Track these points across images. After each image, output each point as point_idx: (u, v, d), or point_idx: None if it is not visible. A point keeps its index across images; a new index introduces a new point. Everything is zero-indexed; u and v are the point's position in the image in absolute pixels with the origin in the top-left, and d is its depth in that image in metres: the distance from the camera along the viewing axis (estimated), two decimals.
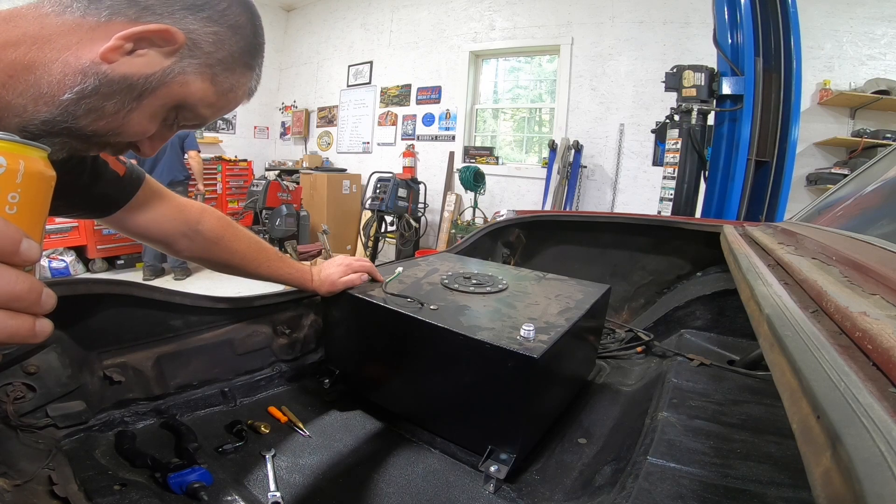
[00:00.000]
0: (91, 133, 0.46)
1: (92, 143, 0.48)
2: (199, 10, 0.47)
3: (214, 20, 0.49)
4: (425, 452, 0.83)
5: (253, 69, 0.55)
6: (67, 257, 3.92)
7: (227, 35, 0.50)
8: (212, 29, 0.48)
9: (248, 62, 0.54)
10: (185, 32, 0.46)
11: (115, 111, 0.46)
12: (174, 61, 0.47)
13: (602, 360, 1.23)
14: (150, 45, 0.45)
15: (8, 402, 0.66)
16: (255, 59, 0.55)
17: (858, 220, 0.95)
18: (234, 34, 0.51)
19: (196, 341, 0.91)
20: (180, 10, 0.46)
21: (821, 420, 0.25)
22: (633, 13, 3.91)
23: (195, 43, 0.48)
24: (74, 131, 0.45)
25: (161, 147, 0.55)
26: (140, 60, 0.45)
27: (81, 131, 0.46)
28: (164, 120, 0.51)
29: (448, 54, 4.95)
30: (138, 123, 0.48)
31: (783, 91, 2.33)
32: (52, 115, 0.43)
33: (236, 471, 0.74)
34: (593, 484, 0.73)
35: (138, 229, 0.75)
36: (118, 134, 0.48)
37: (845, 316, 0.38)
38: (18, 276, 0.27)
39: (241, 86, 0.54)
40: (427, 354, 0.83)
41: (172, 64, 0.47)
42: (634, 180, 4.03)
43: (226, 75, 0.51)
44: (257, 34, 0.54)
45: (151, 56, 0.46)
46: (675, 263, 1.52)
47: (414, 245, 4.42)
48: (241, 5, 0.52)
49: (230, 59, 0.51)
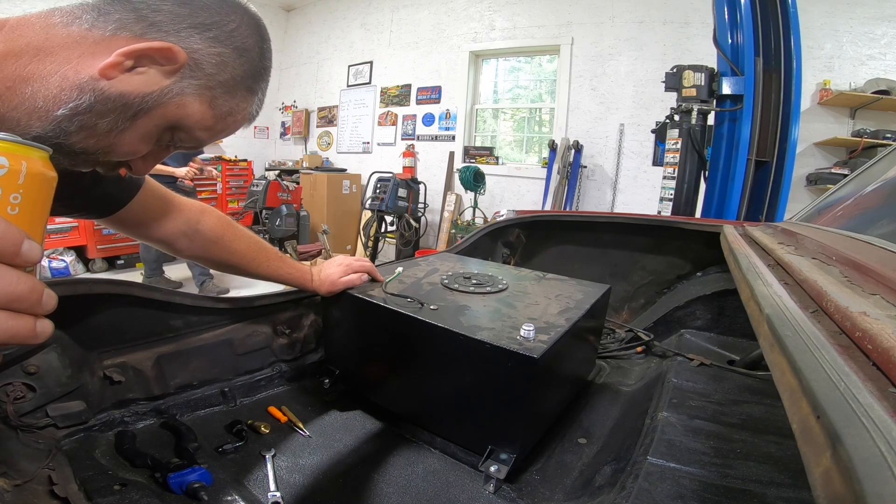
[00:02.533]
0: (80, 150, 0.45)
1: (80, 161, 0.47)
2: (206, 29, 0.46)
3: (221, 41, 0.47)
4: (425, 452, 0.83)
5: (255, 94, 0.53)
6: (67, 257, 3.92)
7: (231, 57, 0.48)
8: (216, 50, 0.47)
9: (251, 86, 0.52)
10: (187, 51, 0.45)
11: (107, 129, 0.44)
12: (174, 81, 0.45)
13: (602, 360, 1.23)
14: (151, 62, 0.44)
15: (8, 402, 0.66)
16: (258, 84, 0.53)
17: (858, 220, 0.95)
18: (240, 57, 0.49)
19: (196, 341, 0.91)
20: (187, 28, 0.45)
21: (821, 420, 0.25)
22: (633, 13, 3.90)
23: (197, 63, 0.46)
24: (64, 147, 0.44)
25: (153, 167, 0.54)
26: (139, 78, 0.44)
27: (71, 148, 0.44)
28: (159, 140, 0.50)
29: (448, 54, 4.95)
30: (130, 143, 0.47)
31: (783, 91, 2.33)
32: (44, 130, 0.42)
33: (236, 471, 0.74)
34: (593, 484, 0.73)
35: (138, 229, 0.75)
36: (108, 153, 0.47)
37: (845, 316, 0.38)
38: (19, 277, 0.27)
39: (241, 110, 0.53)
40: (427, 354, 0.83)
41: (172, 83, 0.45)
42: (634, 180, 4.03)
43: (225, 98, 0.50)
44: (264, 57, 0.52)
45: (151, 74, 0.44)
46: (675, 263, 1.52)
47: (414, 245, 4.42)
48: (250, 27, 0.50)
49: (232, 83, 0.49)
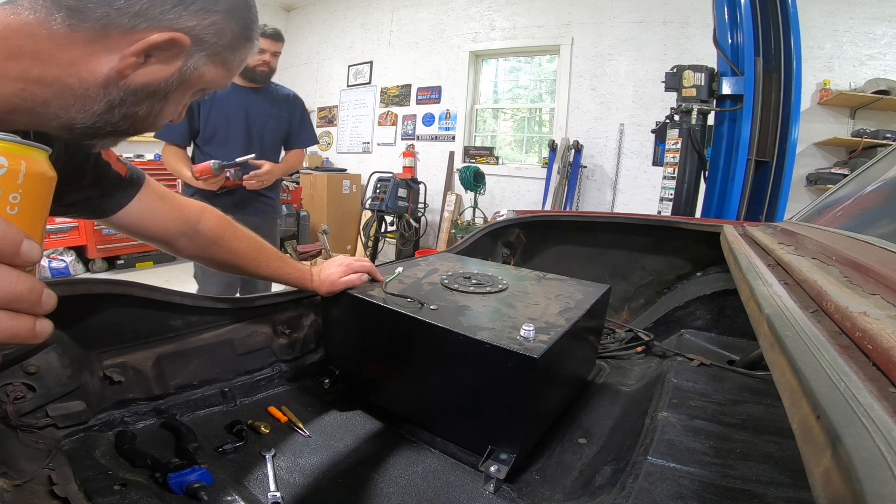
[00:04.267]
0: (131, 131, 0.51)
1: (134, 135, 0.53)
2: (189, 3, 0.47)
3: (208, 10, 0.48)
4: (425, 452, 0.83)
5: (254, 38, 0.57)
6: (67, 257, 3.92)
7: (224, 21, 0.50)
8: (210, 20, 0.49)
9: (249, 35, 0.55)
10: (186, 32, 0.47)
11: (147, 112, 0.49)
12: (185, 60, 0.49)
13: (602, 360, 1.23)
14: (159, 52, 0.46)
15: (8, 402, 0.66)
16: (253, 30, 0.56)
17: (858, 220, 0.95)
18: (231, 17, 0.51)
19: (196, 341, 0.91)
20: (171, 8, 0.45)
21: (821, 420, 0.25)
22: (633, 13, 3.90)
23: (199, 38, 0.48)
24: (119, 132, 0.50)
25: None
26: (154, 69, 0.47)
27: (123, 131, 0.50)
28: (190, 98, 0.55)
29: (448, 54, 4.95)
30: (169, 114, 0.53)
31: (783, 91, 2.33)
32: (91, 122, 0.46)
33: (236, 471, 0.74)
34: (593, 484, 0.73)
35: (139, 229, 0.75)
36: (153, 126, 0.53)
37: (845, 316, 0.38)
38: (19, 277, 0.27)
39: (247, 55, 0.57)
40: (427, 354, 0.83)
41: (184, 63, 0.49)
42: (634, 180, 4.03)
43: (233, 55, 0.54)
44: (249, 6, 0.55)
45: (163, 62, 0.47)
46: (675, 263, 1.52)
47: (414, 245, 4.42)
48: None
49: (234, 42, 0.53)
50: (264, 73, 1.86)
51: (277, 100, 1.96)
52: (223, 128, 1.82)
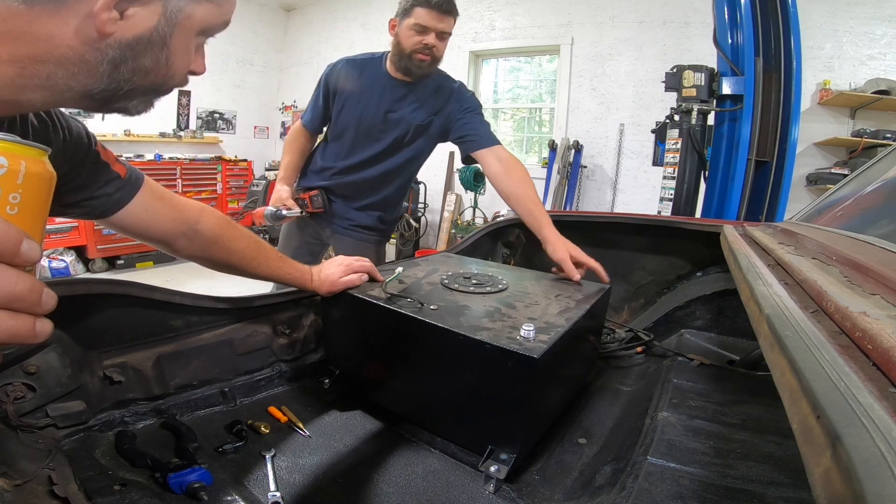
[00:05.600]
0: (151, 87, 0.49)
1: (162, 91, 0.51)
2: None
3: None
4: (425, 452, 0.83)
5: None
6: (67, 257, 3.92)
7: None
8: None
9: None
10: None
11: (154, 64, 0.47)
12: (163, 4, 0.45)
13: (602, 360, 1.23)
14: (130, 3, 0.43)
15: (8, 402, 0.66)
16: None
17: (858, 220, 0.95)
18: None
19: (196, 341, 0.91)
20: None
21: (821, 420, 0.25)
22: (633, 13, 3.91)
23: None
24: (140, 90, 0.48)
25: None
26: (135, 20, 0.44)
27: (144, 88, 0.48)
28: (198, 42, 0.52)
29: (448, 54, 4.94)
30: (180, 63, 0.50)
31: (783, 91, 2.33)
32: (105, 86, 0.45)
33: (236, 471, 0.74)
34: (593, 484, 0.73)
35: (138, 229, 0.75)
36: (172, 78, 0.50)
37: (845, 316, 0.38)
38: (19, 277, 0.27)
39: None
40: (427, 354, 0.83)
41: (164, 6, 0.45)
42: (634, 180, 4.03)
43: None
44: None
45: (139, 10, 0.44)
46: (675, 263, 1.52)
47: (414, 245, 4.42)
48: None
49: None
50: (423, 63, 1.36)
51: (431, 98, 1.47)
52: (351, 128, 1.46)
